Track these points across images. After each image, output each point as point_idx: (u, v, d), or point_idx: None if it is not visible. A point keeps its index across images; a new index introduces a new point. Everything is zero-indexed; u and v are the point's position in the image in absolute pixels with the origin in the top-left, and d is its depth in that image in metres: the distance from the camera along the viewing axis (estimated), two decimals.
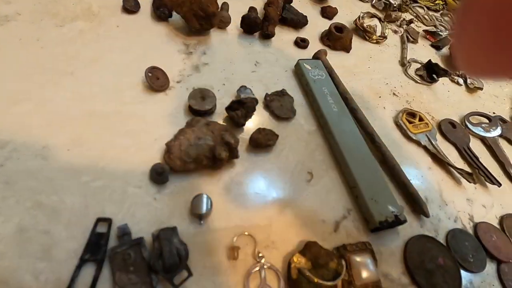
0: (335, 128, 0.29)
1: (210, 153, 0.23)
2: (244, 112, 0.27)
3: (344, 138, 0.28)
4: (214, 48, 0.34)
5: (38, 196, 0.20)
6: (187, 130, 0.24)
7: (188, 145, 0.23)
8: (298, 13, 0.40)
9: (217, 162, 0.23)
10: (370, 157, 0.28)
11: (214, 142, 0.24)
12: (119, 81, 0.27)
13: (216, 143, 0.24)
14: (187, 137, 0.23)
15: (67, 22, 0.31)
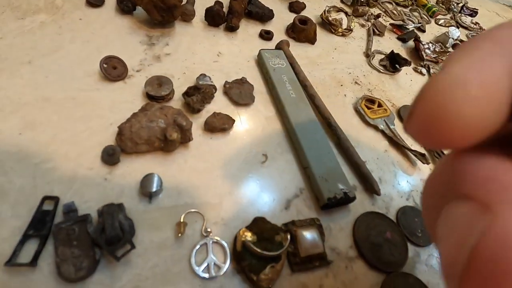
0: (292, 113, 0.30)
1: (162, 134, 0.24)
2: (200, 97, 0.28)
3: (299, 122, 0.29)
4: (177, 39, 0.35)
5: None
6: (139, 113, 0.24)
7: (140, 127, 0.23)
8: (264, 7, 0.41)
9: (169, 143, 0.24)
10: (325, 140, 0.28)
11: (166, 125, 0.24)
12: (77, 69, 0.28)
13: (168, 125, 0.24)
14: (139, 119, 0.24)
15: (28, 15, 0.31)
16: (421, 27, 0.54)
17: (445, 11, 0.64)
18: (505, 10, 0.78)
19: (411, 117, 0.06)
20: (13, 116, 0.24)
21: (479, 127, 0.06)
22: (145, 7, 0.32)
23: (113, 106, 0.27)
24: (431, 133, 0.06)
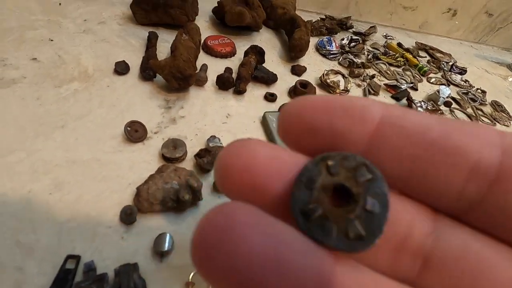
0: None
1: (175, 195, 0.26)
2: (210, 159, 0.31)
3: None
4: (191, 102, 0.39)
5: (18, 235, 0.23)
6: (156, 175, 0.27)
7: (156, 189, 0.26)
8: (269, 71, 0.46)
9: (181, 204, 0.26)
10: None
11: (179, 186, 0.27)
12: (103, 133, 0.32)
13: (181, 186, 0.27)
14: (155, 181, 0.27)
15: (64, 83, 0.36)
16: (413, 86, 0.58)
17: (436, 69, 0.69)
18: (493, 67, 0.84)
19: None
20: (45, 177, 0.27)
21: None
22: (165, 76, 0.37)
23: (133, 166, 0.30)
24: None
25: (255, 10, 0.55)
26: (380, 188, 0.08)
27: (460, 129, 0.08)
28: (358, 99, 0.08)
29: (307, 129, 0.08)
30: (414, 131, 0.08)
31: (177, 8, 0.49)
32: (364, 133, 0.08)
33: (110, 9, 0.52)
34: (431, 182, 0.08)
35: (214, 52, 0.48)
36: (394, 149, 0.08)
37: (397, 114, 0.08)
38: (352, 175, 0.08)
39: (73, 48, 0.41)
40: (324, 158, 0.08)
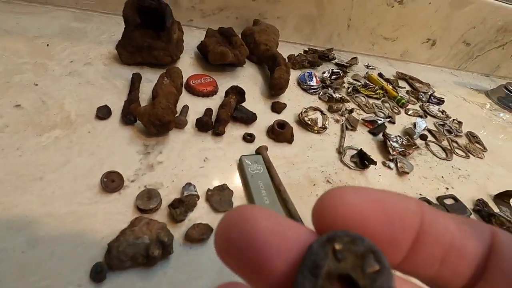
0: None
1: (145, 251, 0.27)
2: (183, 210, 0.32)
3: None
4: (170, 146, 0.40)
5: None
6: (127, 231, 0.28)
7: (126, 246, 0.27)
8: (248, 111, 0.48)
9: (151, 260, 0.27)
10: None
11: (150, 241, 0.28)
12: (80, 183, 0.33)
13: (152, 241, 0.28)
14: (126, 238, 0.28)
15: (46, 131, 0.37)
16: (391, 120, 0.60)
17: (415, 100, 0.72)
18: (472, 95, 0.87)
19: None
20: (19, 234, 0.28)
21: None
22: (144, 124, 0.38)
23: (107, 218, 0.31)
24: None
25: (237, 48, 0.57)
26: (388, 283, 0.08)
27: (470, 235, 0.09)
28: (400, 202, 0.09)
29: (344, 226, 0.08)
30: (445, 239, 0.09)
31: (161, 49, 0.51)
32: (408, 241, 0.08)
33: (97, 48, 0.54)
34: (454, 283, 0.09)
35: (196, 91, 0.50)
36: (429, 255, 0.09)
37: (430, 218, 0.09)
38: (359, 263, 0.08)
39: (58, 93, 0.43)
40: (331, 239, 0.08)
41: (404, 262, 0.09)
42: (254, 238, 0.07)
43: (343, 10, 0.76)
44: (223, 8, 0.70)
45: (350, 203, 0.08)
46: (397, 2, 0.77)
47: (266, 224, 0.08)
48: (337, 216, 0.08)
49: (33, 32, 0.52)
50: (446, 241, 0.09)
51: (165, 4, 0.49)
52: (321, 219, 0.08)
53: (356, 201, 0.08)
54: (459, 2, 0.81)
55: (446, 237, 0.09)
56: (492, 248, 0.09)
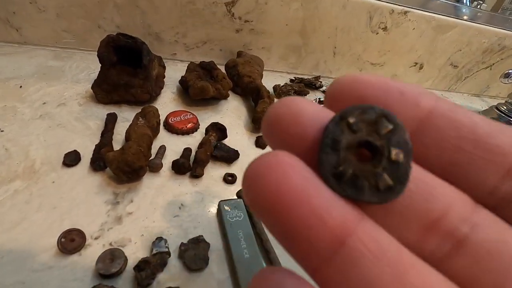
0: (242, 279, 0.30)
1: None
2: (149, 272, 0.28)
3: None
4: (142, 194, 0.37)
5: None
6: None
7: None
8: (230, 149, 0.46)
9: None
10: None
11: None
12: (35, 245, 0.29)
13: None
14: None
15: (4, 183, 0.34)
16: None
17: None
18: None
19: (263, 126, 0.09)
20: None
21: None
22: (113, 171, 0.35)
23: (61, 287, 0.27)
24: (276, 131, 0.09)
25: (219, 82, 0.56)
26: (402, 137, 0.08)
27: (504, 132, 0.08)
28: (415, 87, 0.09)
29: (358, 101, 0.09)
30: (463, 124, 0.08)
31: (139, 87, 0.49)
32: (415, 117, 0.09)
33: (73, 88, 0.52)
34: (469, 174, 0.08)
35: (175, 130, 0.48)
36: (441, 137, 0.09)
37: (448, 107, 0.09)
38: (373, 128, 0.08)
39: (24, 139, 0.40)
40: (344, 116, 0.08)
41: (414, 139, 0.09)
42: (302, 114, 0.09)
43: (327, 38, 0.76)
44: (206, 41, 0.69)
45: (361, 80, 0.09)
46: (381, 29, 0.78)
47: (309, 105, 0.09)
48: (350, 94, 0.09)
49: (6, 74, 0.51)
50: (464, 125, 0.09)
51: (141, 42, 0.48)
52: (335, 99, 0.09)
53: (365, 80, 0.09)
54: (442, 27, 0.82)
55: (463, 121, 0.09)
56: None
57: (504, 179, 0.08)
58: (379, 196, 0.08)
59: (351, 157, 0.08)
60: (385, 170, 0.08)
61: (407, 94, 0.09)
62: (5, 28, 0.57)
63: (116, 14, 0.61)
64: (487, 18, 0.88)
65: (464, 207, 0.08)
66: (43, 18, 0.58)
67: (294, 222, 0.07)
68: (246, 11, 0.67)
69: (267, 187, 0.08)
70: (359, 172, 0.08)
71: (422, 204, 0.08)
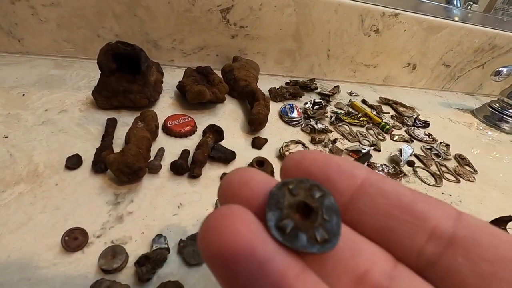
0: None
1: None
2: (150, 267, 0.29)
3: None
4: (142, 194, 0.38)
5: None
6: None
7: None
8: (227, 150, 0.47)
9: None
10: None
11: None
12: (40, 244, 0.31)
13: None
14: None
15: (10, 187, 0.35)
16: (376, 148, 0.59)
17: (400, 124, 0.72)
18: (458, 115, 0.87)
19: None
20: None
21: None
22: (114, 172, 0.37)
23: (66, 283, 0.28)
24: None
25: (216, 86, 0.57)
26: (331, 201, 0.10)
27: (426, 200, 0.10)
28: (351, 162, 0.11)
29: (304, 174, 0.11)
30: (390, 192, 0.10)
31: (137, 93, 0.51)
32: (350, 185, 0.10)
33: (74, 95, 0.54)
34: (399, 237, 0.10)
35: (173, 133, 0.49)
36: (373, 204, 0.10)
37: (377, 177, 0.10)
38: (309, 194, 0.10)
39: (27, 144, 0.42)
40: (285, 183, 0.10)
41: (350, 206, 0.10)
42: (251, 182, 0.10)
43: (321, 41, 0.78)
44: (203, 47, 0.71)
45: (308, 157, 0.11)
46: (373, 31, 0.80)
47: (258, 176, 0.11)
48: (299, 168, 0.11)
49: (9, 83, 0.52)
50: (391, 194, 0.10)
51: (139, 49, 0.50)
52: (287, 172, 0.11)
53: (311, 157, 0.11)
54: (433, 28, 0.84)
55: (390, 191, 0.10)
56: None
57: (428, 242, 0.09)
58: (317, 247, 0.09)
59: (292, 214, 0.10)
60: (321, 226, 0.09)
61: (343, 166, 0.11)
62: (8, 39, 0.59)
63: (115, 23, 0.63)
64: (479, 19, 0.90)
65: (386, 263, 0.09)
66: (44, 29, 0.60)
67: (241, 274, 0.08)
68: (240, 18, 0.69)
69: (216, 238, 0.08)
70: (299, 227, 0.09)
71: (350, 259, 0.09)
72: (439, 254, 0.09)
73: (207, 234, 0.08)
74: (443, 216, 0.09)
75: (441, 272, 0.09)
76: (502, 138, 0.79)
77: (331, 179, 0.10)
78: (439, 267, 0.09)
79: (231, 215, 0.09)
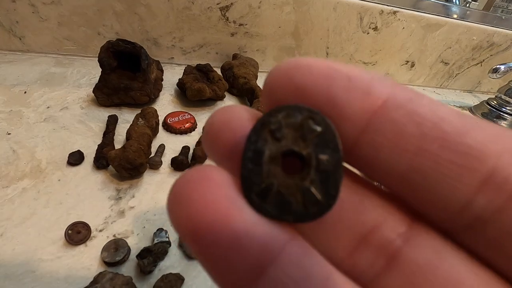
0: None
1: None
2: (151, 260, 0.30)
3: None
4: (143, 189, 0.39)
5: None
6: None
7: None
8: None
9: None
10: None
11: None
12: (43, 237, 0.31)
13: None
14: None
15: (13, 182, 0.36)
16: None
17: None
18: None
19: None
20: None
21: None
22: (115, 168, 0.38)
23: (70, 275, 0.29)
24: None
25: (215, 83, 0.58)
26: (332, 141, 0.07)
27: (479, 127, 0.07)
28: (367, 72, 0.07)
29: (296, 92, 0.07)
30: (426, 119, 0.07)
31: (138, 90, 0.51)
32: (366, 109, 0.07)
33: (75, 92, 0.54)
34: (433, 184, 0.07)
35: (173, 129, 0.50)
36: (397, 135, 0.07)
37: (407, 96, 0.07)
38: (299, 134, 0.07)
39: (30, 140, 0.42)
40: (266, 122, 0.07)
41: (362, 140, 0.07)
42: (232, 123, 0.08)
43: (320, 39, 0.79)
44: (202, 45, 0.72)
45: (302, 66, 0.07)
46: (371, 29, 0.80)
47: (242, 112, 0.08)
48: (288, 84, 0.07)
49: (11, 81, 0.53)
50: (426, 120, 0.07)
51: (139, 47, 0.50)
52: (271, 92, 0.08)
53: (307, 65, 0.07)
54: (432, 25, 0.84)
55: (426, 116, 0.07)
56: None
57: (479, 191, 0.06)
58: (306, 214, 0.07)
59: (276, 170, 0.07)
60: (313, 183, 0.07)
61: (356, 80, 0.07)
62: (9, 37, 0.60)
63: (115, 21, 0.63)
64: (477, 16, 0.90)
65: (400, 220, 0.07)
66: (45, 27, 0.60)
67: (214, 249, 0.07)
68: (240, 15, 0.69)
69: (188, 209, 0.07)
70: (284, 189, 0.07)
71: (352, 217, 0.07)
72: (495, 209, 0.06)
73: (174, 204, 0.07)
74: (507, 151, 0.06)
75: (494, 235, 0.06)
76: None
77: (336, 99, 0.07)
78: (491, 228, 0.06)
79: (200, 179, 0.07)
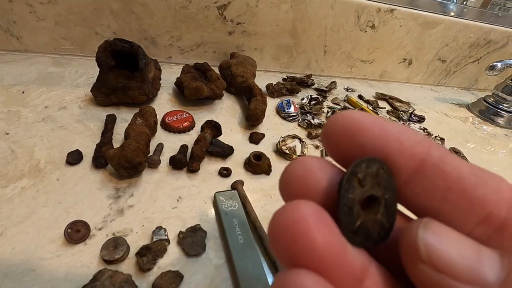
0: (238, 262, 0.32)
1: None
2: (150, 257, 0.30)
3: (245, 271, 0.31)
4: (142, 188, 0.39)
5: None
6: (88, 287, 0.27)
7: None
8: (224, 145, 0.48)
9: None
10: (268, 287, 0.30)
11: None
12: (43, 236, 0.31)
13: None
14: None
15: (12, 182, 0.36)
16: None
17: (395, 119, 0.73)
18: (454, 110, 0.88)
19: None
20: None
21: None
22: (114, 167, 0.38)
23: (69, 273, 0.29)
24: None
25: (213, 82, 0.58)
26: (393, 184, 0.10)
27: (485, 184, 0.09)
28: (411, 133, 0.10)
29: (358, 150, 0.10)
30: (451, 175, 0.09)
31: (136, 89, 0.51)
32: (410, 166, 0.10)
33: (73, 92, 0.54)
34: (450, 218, 0.09)
35: (171, 128, 0.50)
36: (430, 187, 0.09)
37: (440, 155, 0.09)
38: (375, 180, 0.09)
39: (29, 140, 0.42)
40: (354, 173, 0.09)
41: (406, 187, 0.10)
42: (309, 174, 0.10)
43: (317, 37, 0.79)
44: (200, 44, 0.72)
45: (359, 128, 0.10)
46: (369, 27, 0.80)
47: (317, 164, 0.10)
48: (350, 143, 0.10)
49: (9, 81, 0.53)
50: (451, 177, 0.09)
51: (137, 46, 0.50)
52: (335, 146, 0.10)
53: (363, 127, 0.10)
54: (429, 23, 0.84)
55: (452, 174, 0.09)
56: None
57: (477, 225, 0.09)
58: (380, 239, 0.10)
59: (360, 210, 0.09)
60: (382, 216, 0.10)
61: (405, 145, 0.09)
62: (6, 37, 0.59)
63: (112, 20, 0.63)
64: (474, 14, 0.91)
65: None
66: (42, 27, 0.60)
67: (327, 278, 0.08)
68: (237, 14, 0.69)
69: (291, 246, 0.08)
70: (367, 224, 0.09)
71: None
72: (486, 237, 0.09)
73: (281, 238, 0.08)
74: (499, 201, 0.09)
75: None
76: (496, 132, 0.80)
77: (389, 158, 0.09)
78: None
79: (303, 215, 0.08)
